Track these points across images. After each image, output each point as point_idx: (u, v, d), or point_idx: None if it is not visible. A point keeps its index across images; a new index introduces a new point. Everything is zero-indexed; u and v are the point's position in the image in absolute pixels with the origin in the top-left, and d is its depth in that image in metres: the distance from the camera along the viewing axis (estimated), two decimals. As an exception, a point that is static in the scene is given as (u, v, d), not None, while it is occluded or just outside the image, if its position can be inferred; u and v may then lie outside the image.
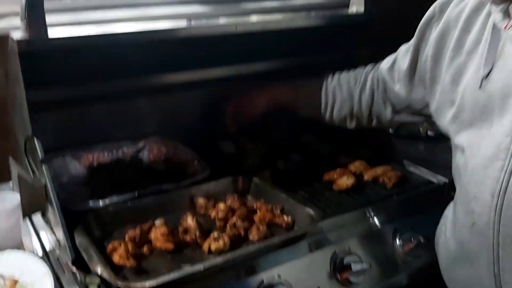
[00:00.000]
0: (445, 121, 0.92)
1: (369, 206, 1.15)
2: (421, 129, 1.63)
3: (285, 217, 1.04)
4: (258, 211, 1.07)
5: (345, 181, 1.22)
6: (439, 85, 0.94)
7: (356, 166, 1.31)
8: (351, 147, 1.44)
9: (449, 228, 0.90)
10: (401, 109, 1.11)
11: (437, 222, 1.26)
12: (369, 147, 1.42)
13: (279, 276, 0.98)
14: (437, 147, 1.53)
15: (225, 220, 1.03)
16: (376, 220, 1.16)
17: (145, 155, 1.30)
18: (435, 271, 1.28)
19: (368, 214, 1.15)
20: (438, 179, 1.29)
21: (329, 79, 1.20)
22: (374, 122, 1.20)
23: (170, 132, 1.35)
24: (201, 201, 1.09)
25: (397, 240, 1.17)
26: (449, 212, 0.95)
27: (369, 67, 1.20)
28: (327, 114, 1.18)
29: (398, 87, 1.06)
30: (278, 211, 1.05)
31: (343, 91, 1.17)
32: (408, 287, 1.17)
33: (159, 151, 1.31)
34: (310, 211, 1.02)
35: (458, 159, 0.89)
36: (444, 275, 0.93)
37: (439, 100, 0.94)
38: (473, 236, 0.83)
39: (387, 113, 1.14)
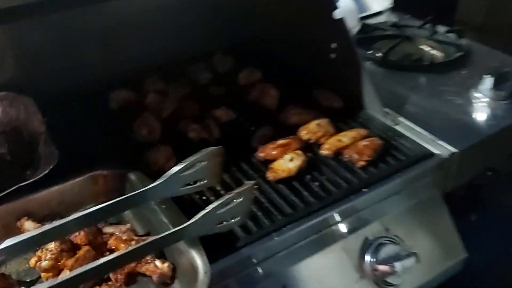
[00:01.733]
0: None
1: (320, 213, 0.69)
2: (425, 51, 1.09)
3: (159, 264, 0.59)
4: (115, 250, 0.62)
5: (285, 164, 0.75)
6: None
7: (310, 129, 0.83)
8: (311, 90, 0.94)
9: None
10: None
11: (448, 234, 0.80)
12: (339, 90, 0.92)
13: None
14: (447, 79, 0.99)
15: (58, 269, 0.60)
16: (337, 232, 0.71)
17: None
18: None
19: (316, 228, 0.69)
20: (441, 149, 0.80)
21: None
22: None
23: (27, 83, 0.87)
24: (28, 226, 0.65)
25: (369, 259, 0.73)
26: None
27: None
28: None
29: None
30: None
31: None
32: None
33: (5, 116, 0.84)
34: (197, 260, 0.56)
35: None
36: None
37: None
38: None
39: None
